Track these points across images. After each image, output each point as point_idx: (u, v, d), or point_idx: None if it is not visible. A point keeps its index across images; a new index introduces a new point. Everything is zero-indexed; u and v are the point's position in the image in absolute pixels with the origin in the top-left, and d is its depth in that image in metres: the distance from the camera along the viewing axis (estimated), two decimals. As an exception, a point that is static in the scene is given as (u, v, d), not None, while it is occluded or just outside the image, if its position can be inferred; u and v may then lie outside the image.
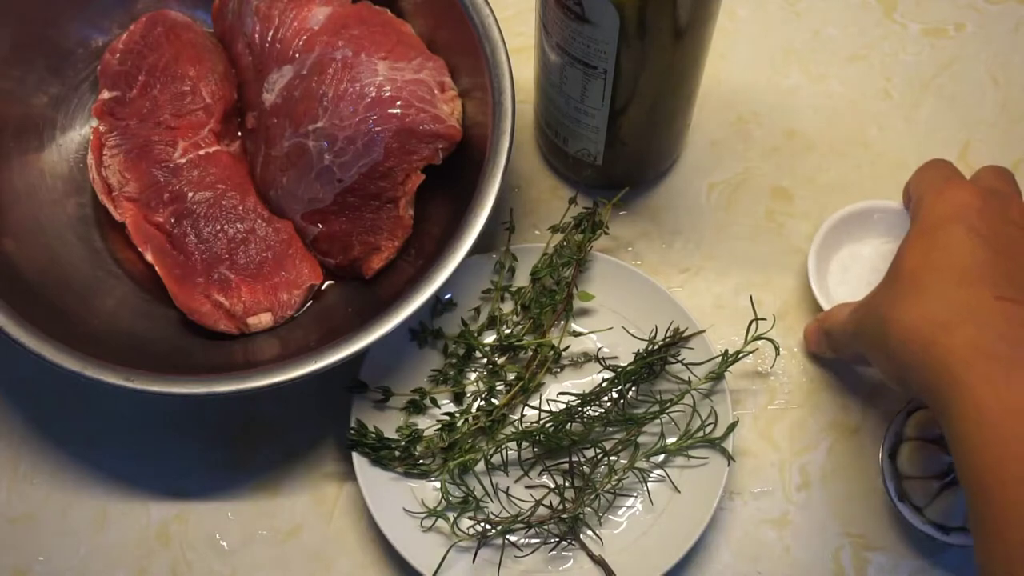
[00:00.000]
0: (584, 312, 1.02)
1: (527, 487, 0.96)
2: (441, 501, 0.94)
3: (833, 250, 1.02)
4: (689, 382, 0.97)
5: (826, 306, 0.99)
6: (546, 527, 0.94)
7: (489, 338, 1.00)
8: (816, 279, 1.00)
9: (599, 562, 0.94)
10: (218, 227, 0.99)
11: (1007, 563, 0.68)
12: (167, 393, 0.88)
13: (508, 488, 0.96)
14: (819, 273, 1.00)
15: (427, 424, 0.98)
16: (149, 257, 0.98)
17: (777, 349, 0.99)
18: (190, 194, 0.99)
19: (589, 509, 0.95)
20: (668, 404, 0.96)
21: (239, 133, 1.06)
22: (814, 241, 1.00)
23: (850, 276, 1.02)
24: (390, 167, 0.95)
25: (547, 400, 0.98)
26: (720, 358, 0.96)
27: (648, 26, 0.83)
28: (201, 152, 1.01)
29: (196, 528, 0.98)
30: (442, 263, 0.90)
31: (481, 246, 1.01)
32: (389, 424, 0.97)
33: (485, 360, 1.00)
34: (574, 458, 0.95)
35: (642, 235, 1.05)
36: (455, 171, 0.96)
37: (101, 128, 1.03)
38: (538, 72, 0.97)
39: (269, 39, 1.01)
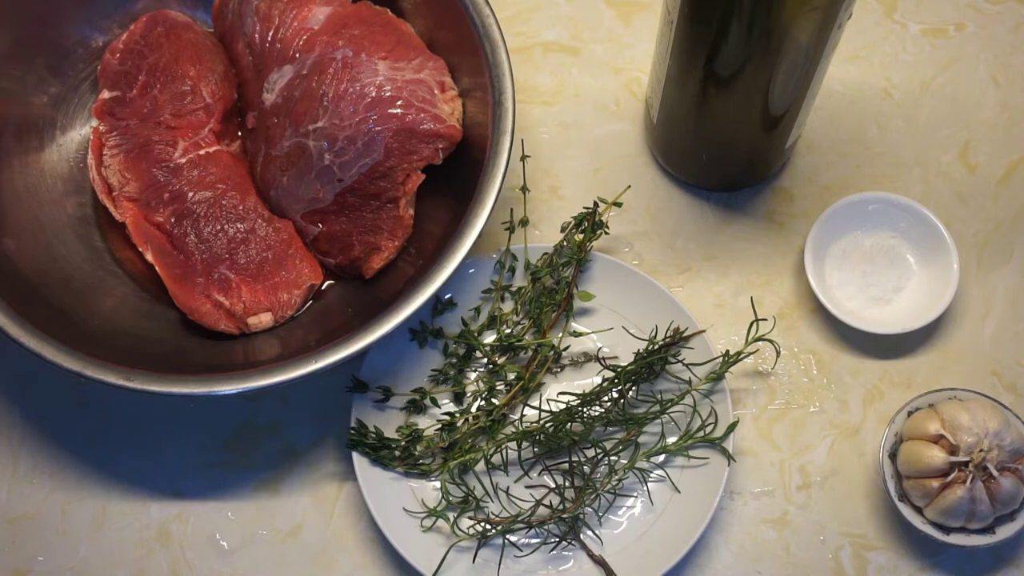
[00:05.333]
0: (584, 312, 1.02)
1: (527, 487, 0.96)
2: (441, 501, 0.94)
3: (830, 242, 1.02)
4: (689, 382, 0.97)
5: (825, 302, 0.99)
6: (546, 527, 0.94)
7: (489, 338, 1.00)
8: (813, 271, 1.00)
9: (599, 562, 0.94)
10: (218, 227, 0.99)
11: None
12: (167, 393, 0.88)
13: (508, 488, 0.96)
14: (816, 265, 1.01)
15: (427, 424, 0.98)
16: (149, 257, 0.98)
17: (778, 350, 0.99)
18: (190, 194, 0.99)
19: (589, 509, 0.95)
20: (668, 404, 0.96)
21: (239, 133, 1.06)
22: (810, 234, 1.01)
23: (847, 267, 1.02)
24: (390, 167, 0.95)
25: (547, 400, 0.98)
26: (720, 358, 0.96)
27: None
28: (201, 152, 1.01)
29: (196, 528, 0.98)
30: (442, 263, 0.90)
31: (482, 246, 1.01)
32: (389, 424, 0.97)
33: (485, 360, 1.00)
34: (574, 458, 0.95)
35: (642, 235, 1.05)
36: (455, 171, 0.96)
37: (101, 128, 1.03)
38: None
39: (269, 39, 1.01)
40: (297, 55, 0.99)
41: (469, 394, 0.99)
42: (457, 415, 0.97)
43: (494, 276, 1.01)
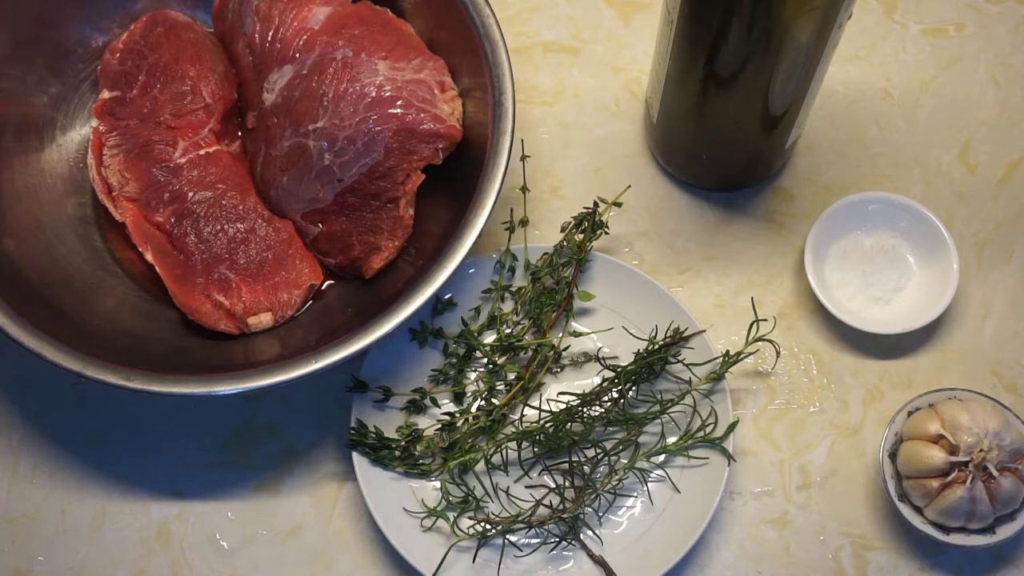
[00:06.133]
0: (584, 312, 1.02)
1: (527, 487, 0.96)
2: (441, 501, 0.94)
3: (830, 242, 1.03)
4: (689, 382, 0.97)
5: (825, 302, 0.99)
6: (546, 527, 0.94)
7: (489, 338, 1.00)
8: (813, 271, 1.00)
9: (599, 562, 0.94)
10: (218, 227, 0.99)
11: None
12: (167, 393, 0.88)
13: (508, 488, 0.96)
14: (816, 265, 1.01)
15: (427, 424, 0.98)
16: (149, 257, 0.98)
17: (778, 350, 0.99)
18: (190, 194, 0.99)
19: (589, 509, 0.95)
20: (668, 404, 0.96)
21: (239, 133, 1.06)
22: (810, 234, 1.01)
23: (847, 267, 1.02)
24: (390, 167, 0.95)
25: (547, 400, 0.98)
26: (720, 358, 0.96)
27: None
28: (201, 152, 1.01)
29: (196, 528, 0.98)
30: (442, 263, 0.90)
31: (482, 246, 1.01)
32: (389, 424, 0.97)
33: (485, 360, 1.00)
34: (574, 458, 0.95)
35: (642, 235, 1.05)
36: (455, 171, 0.96)
37: (101, 128, 1.03)
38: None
39: (269, 39, 1.01)
40: (297, 55, 0.99)
41: (469, 394, 0.99)
42: (457, 415, 0.97)
43: (494, 276, 1.01)
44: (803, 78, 0.90)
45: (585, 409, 0.96)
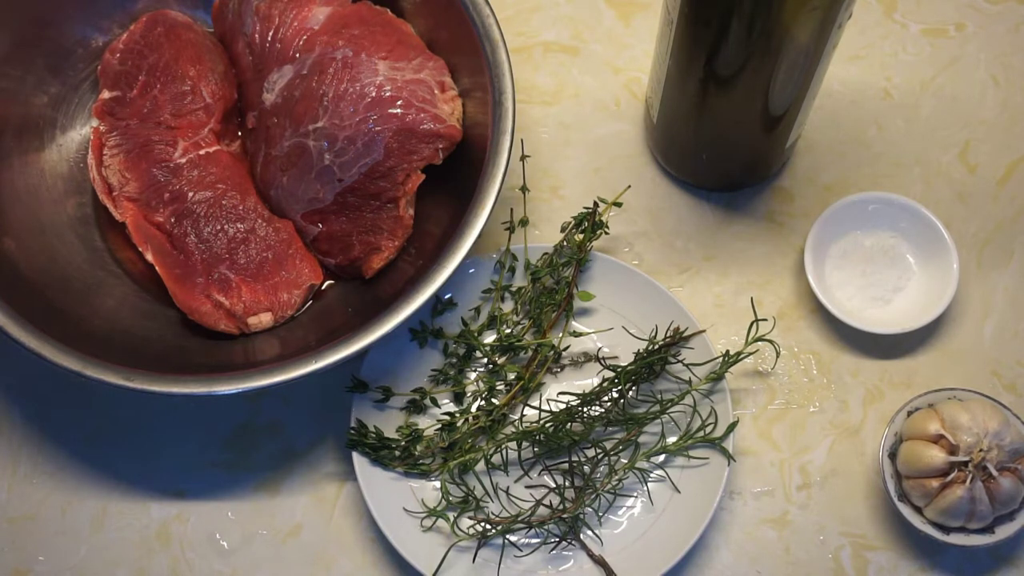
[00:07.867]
0: (584, 312, 1.02)
1: (527, 487, 0.96)
2: (441, 501, 0.94)
3: (830, 242, 1.03)
4: (689, 382, 0.97)
5: (825, 302, 0.99)
6: (546, 527, 0.94)
7: (489, 338, 1.00)
8: (813, 271, 1.00)
9: (599, 562, 0.94)
10: (218, 227, 0.99)
11: None
12: (167, 393, 0.88)
13: (508, 488, 0.96)
14: (816, 265, 1.01)
15: (427, 424, 0.98)
16: (149, 257, 0.98)
17: (777, 350, 0.99)
18: (190, 194, 0.99)
19: (589, 509, 0.95)
20: (668, 404, 0.96)
21: (239, 133, 1.06)
22: (810, 234, 1.01)
23: (847, 267, 1.02)
24: (390, 167, 0.95)
25: (547, 400, 0.98)
26: (720, 358, 0.96)
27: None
28: (201, 152, 1.01)
29: (196, 528, 0.98)
30: (442, 263, 0.90)
31: (482, 246, 1.01)
32: (389, 424, 0.97)
33: (485, 360, 1.00)
34: (574, 458, 0.95)
35: (642, 235, 1.05)
36: (455, 171, 0.96)
37: (101, 128, 1.03)
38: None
39: (269, 39, 1.01)
40: (297, 55, 0.99)
41: (469, 394, 0.99)
42: (457, 415, 0.97)
43: (494, 276, 1.01)
44: (803, 78, 0.90)
45: (585, 409, 0.96)
